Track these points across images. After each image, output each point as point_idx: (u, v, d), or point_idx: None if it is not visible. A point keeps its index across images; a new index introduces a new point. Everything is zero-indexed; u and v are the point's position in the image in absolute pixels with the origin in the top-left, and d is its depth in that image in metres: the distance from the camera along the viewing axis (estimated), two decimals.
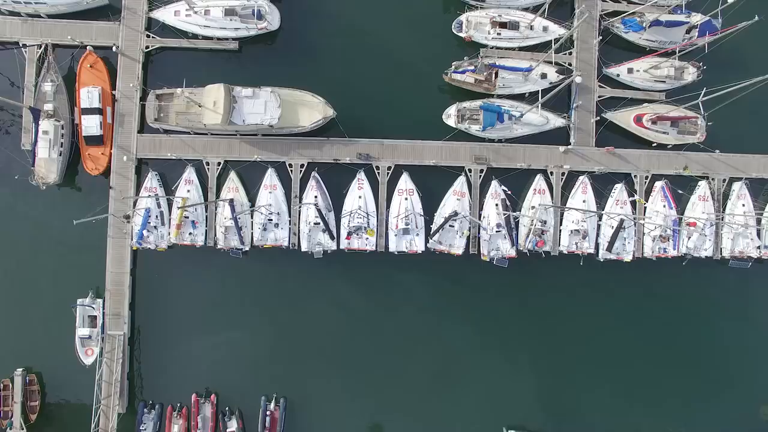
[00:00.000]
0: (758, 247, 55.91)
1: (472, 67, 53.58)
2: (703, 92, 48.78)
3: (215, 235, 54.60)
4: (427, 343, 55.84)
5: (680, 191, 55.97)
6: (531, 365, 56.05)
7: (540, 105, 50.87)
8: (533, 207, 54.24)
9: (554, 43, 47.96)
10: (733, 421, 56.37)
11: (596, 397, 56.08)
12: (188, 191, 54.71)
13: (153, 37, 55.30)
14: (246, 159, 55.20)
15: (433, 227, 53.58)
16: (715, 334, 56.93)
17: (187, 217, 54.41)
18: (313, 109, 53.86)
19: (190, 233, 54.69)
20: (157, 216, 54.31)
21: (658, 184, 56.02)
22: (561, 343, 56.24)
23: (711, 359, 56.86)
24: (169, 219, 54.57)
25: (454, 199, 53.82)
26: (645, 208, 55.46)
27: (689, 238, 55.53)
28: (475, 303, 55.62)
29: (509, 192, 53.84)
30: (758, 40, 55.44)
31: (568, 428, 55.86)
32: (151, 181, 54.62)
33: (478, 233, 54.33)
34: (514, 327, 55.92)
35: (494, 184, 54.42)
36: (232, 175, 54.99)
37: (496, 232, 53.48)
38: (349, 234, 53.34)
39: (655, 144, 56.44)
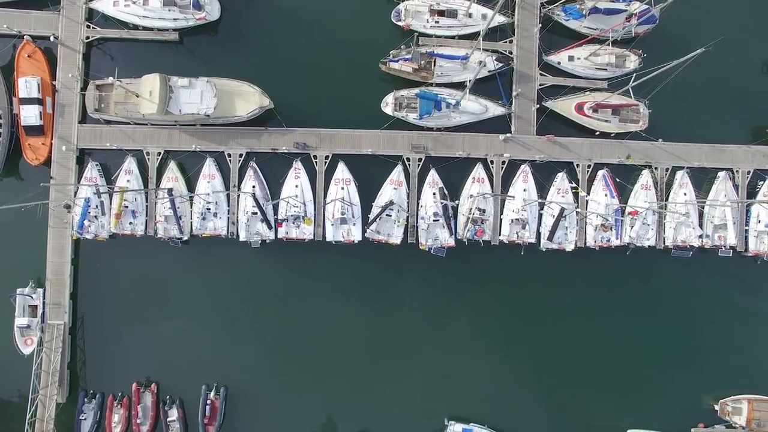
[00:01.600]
0: (700, 236, 55.44)
1: (409, 56, 53.32)
2: (632, 78, 48.40)
3: (155, 225, 54.63)
4: (368, 333, 55.79)
5: (618, 179, 55.55)
6: (472, 356, 55.76)
7: (468, 92, 50.52)
8: (471, 196, 53.96)
9: (482, 31, 47.65)
10: (677, 411, 55.78)
11: (537, 387, 55.86)
12: (128, 181, 54.90)
13: (93, 28, 55.36)
14: (185, 149, 55.23)
15: (371, 217, 53.45)
16: (658, 324, 56.49)
17: (127, 207, 54.55)
18: (249, 99, 53.92)
19: (130, 223, 54.82)
20: (97, 206, 54.46)
21: (600, 173, 55.69)
22: (502, 334, 56.04)
23: (654, 349, 56.43)
24: (110, 209, 54.66)
25: (391, 188, 53.74)
26: (586, 200, 55.01)
27: (631, 227, 55.15)
28: (414, 293, 55.57)
29: (441, 185, 53.52)
30: (698, 26, 55.10)
31: (509, 419, 55.44)
32: (92, 171, 54.82)
33: (416, 222, 54.19)
34: (454, 317, 55.71)
35: (432, 172, 54.20)
36: (172, 164, 55.12)
37: (434, 221, 53.30)
38: (280, 222, 53.32)
39: (598, 133, 56.04)
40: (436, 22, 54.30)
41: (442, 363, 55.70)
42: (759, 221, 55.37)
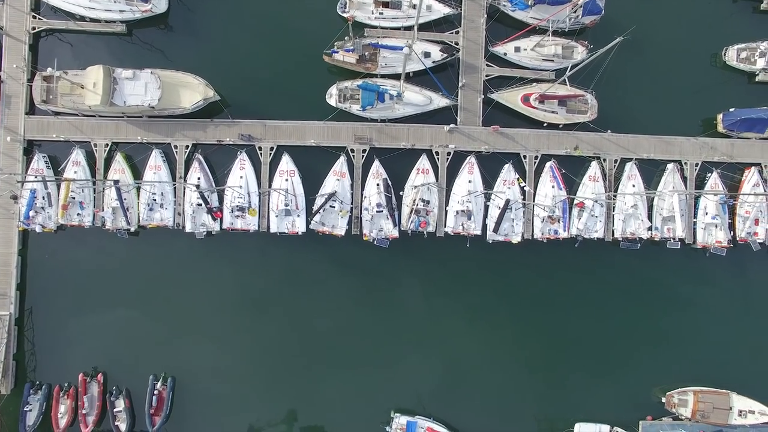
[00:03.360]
0: (649, 229, 55.16)
1: (352, 47, 53.22)
2: (569, 67, 48.20)
3: (101, 216, 54.72)
4: (314, 324, 55.77)
5: (563, 170, 55.23)
6: (418, 349, 55.68)
7: (403, 82, 50.45)
8: (415, 187, 53.86)
9: (416, 22, 47.53)
10: (625, 404, 55.60)
11: (485, 380, 55.73)
12: (75, 172, 54.99)
13: (40, 18, 55.41)
14: (132, 141, 55.34)
15: (314, 208, 53.46)
16: (606, 317, 56.32)
17: (74, 198, 54.69)
18: (194, 91, 53.91)
19: (78, 214, 54.98)
20: (44, 197, 54.63)
21: (547, 164, 55.46)
22: (447, 326, 55.87)
23: (603, 341, 56.27)
24: (57, 200, 54.81)
25: (334, 180, 53.72)
26: (529, 191, 54.84)
27: (579, 219, 54.91)
28: (358, 284, 55.53)
29: (384, 176, 53.48)
30: (645, 16, 55.01)
31: (456, 411, 55.33)
32: (38, 162, 54.94)
33: (360, 213, 54.15)
34: (399, 309, 55.70)
35: (376, 163, 54.16)
36: (118, 156, 55.20)
37: (377, 212, 53.25)
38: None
39: (545, 124, 55.79)
40: (381, 13, 54.22)
41: (389, 356, 55.63)
42: (707, 213, 55.08)
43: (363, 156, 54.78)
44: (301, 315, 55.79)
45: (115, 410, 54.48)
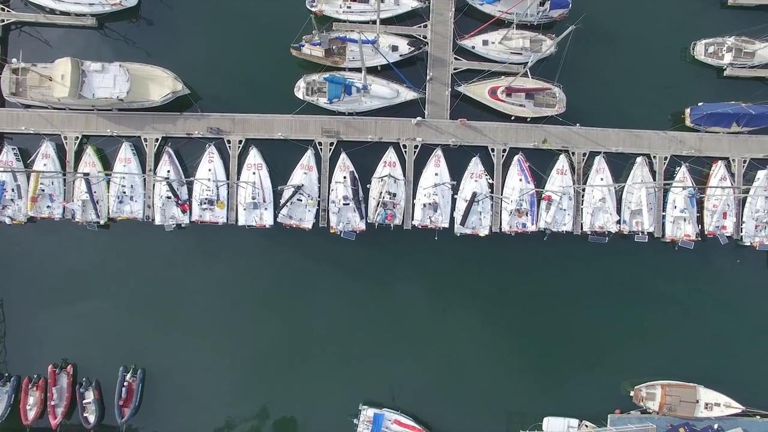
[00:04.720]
0: (617, 222, 55.20)
1: (319, 41, 53.34)
2: (531, 58, 48.25)
3: (71, 209, 54.89)
4: (283, 317, 55.91)
5: (534, 164, 55.22)
6: (387, 342, 55.71)
7: (365, 75, 50.56)
8: (381, 179, 54.00)
9: (378, 16, 47.58)
10: (594, 398, 55.51)
11: (453, 374, 55.71)
12: (45, 165, 55.17)
13: (8, 11, 55.64)
14: (102, 134, 55.54)
15: (282, 201, 53.63)
16: (574, 311, 56.28)
17: (44, 190, 54.89)
18: (162, 84, 54.09)
19: (48, 206, 55.20)
20: (13, 189, 54.87)
21: (515, 157, 55.51)
22: (416, 320, 55.90)
23: (571, 335, 56.22)
24: (27, 192, 55.04)
25: (301, 173, 53.86)
26: (494, 185, 54.94)
27: (547, 212, 54.97)
28: (325, 276, 55.61)
29: (351, 168, 53.60)
30: (615, 11, 55.16)
31: (424, 405, 55.40)
32: (7, 154, 55.16)
33: (327, 206, 54.30)
34: (367, 302, 55.77)
35: (343, 156, 54.31)
36: (89, 149, 55.39)
37: (344, 204, 53.38)
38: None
39: (513, 117, 55.83)
40: (348, 7, 54.33)
41: (358, 349, 55.71)
42: (675, 207, 55.09)
43: (330, 149, 54.92)
44: (271, 308, 55.93)
45: (84, 402, 54.65)
